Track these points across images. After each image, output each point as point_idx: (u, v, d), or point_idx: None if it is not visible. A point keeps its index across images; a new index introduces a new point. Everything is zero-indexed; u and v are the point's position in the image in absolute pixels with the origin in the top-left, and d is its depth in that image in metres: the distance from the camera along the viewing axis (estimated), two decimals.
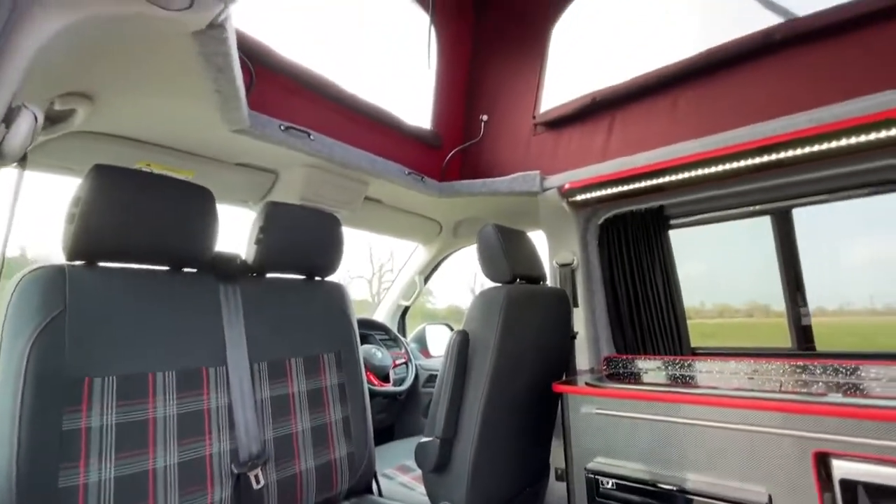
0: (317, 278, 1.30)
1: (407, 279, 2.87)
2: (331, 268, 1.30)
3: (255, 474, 0.96)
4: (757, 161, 1.48)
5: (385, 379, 2.20)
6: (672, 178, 1.65)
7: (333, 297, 1.29)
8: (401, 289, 2.88)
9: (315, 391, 1.16)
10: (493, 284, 1.44)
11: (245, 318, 1.04)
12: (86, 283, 0.83)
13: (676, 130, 1.60)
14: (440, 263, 2.91)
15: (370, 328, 2.48)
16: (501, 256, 1.43)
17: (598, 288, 1.99)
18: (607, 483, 1.38)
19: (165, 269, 0.97)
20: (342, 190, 1.77)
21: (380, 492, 1.38)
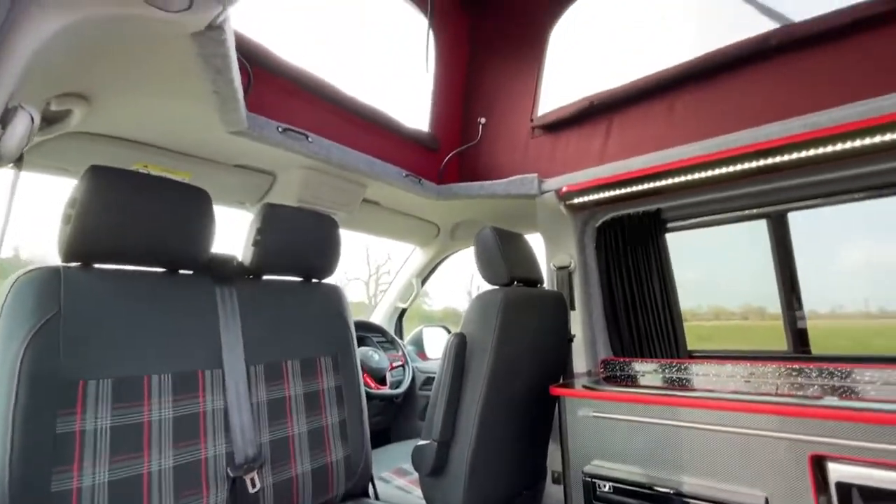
0: (314, 280, 1.29)
1: (404, 281, 2.86)
2: (328, 270, 1.30)
3: (251, 478, 0.96)
4: (753, 165, 1.49)
5: (382, 381, 2.20)
6: (669, 182, 1.66)
7: (330, 300, 1.29)
8: (398, 291, 2.88)
9: (312, 394, 1.15)
10: (491, 287, 1.44)
11: (241, 321, 1.04)
12: (81, 285, 0.83)
13: (673, 134, 1.61)
14: (437, 266, 2.91)
15: (367, 330, 2.48)
16: (499, 259, 1.43)
17: (596, 291, 2.00)
18: (604, 486, 1.38)
19: (162, 271, 0.97)
20: (340, 192, 1.77)
21: (376, 495, 1.37)
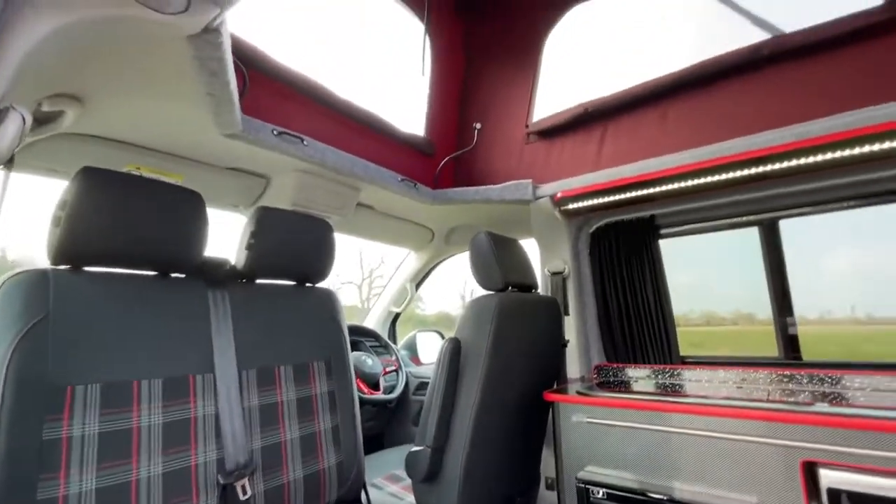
0: (307, 284, 1.28)
1: (398, 286, 2.85)
2: (322, 274, 1.29)
3: (242, 485, 0.94)
4: (745, 173, 1.51)
5: (375, 387, 2.18)
6: (662, 189, 1.68)
7: (324, 304, 1.28)
8: (391, 295, 2.87)
9: (304, 399, 1.14)
10: (486, 292, 1.44)
11: (234, 325, 1.03)
12: (70, 288, 0.81)
13: (666, 142, 1.63)
14: (432, 270, 2.91)
15: (361, 335, 2.46)
16: (494, 264, 1.43)
17: (589, 296, 2.00)
18: (598, 493, 1.38)
19: (153, 274, 0.95)
20: (334, 196, 1.76)
21: (369, 502, 1.36)
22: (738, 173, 1.52)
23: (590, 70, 2.01)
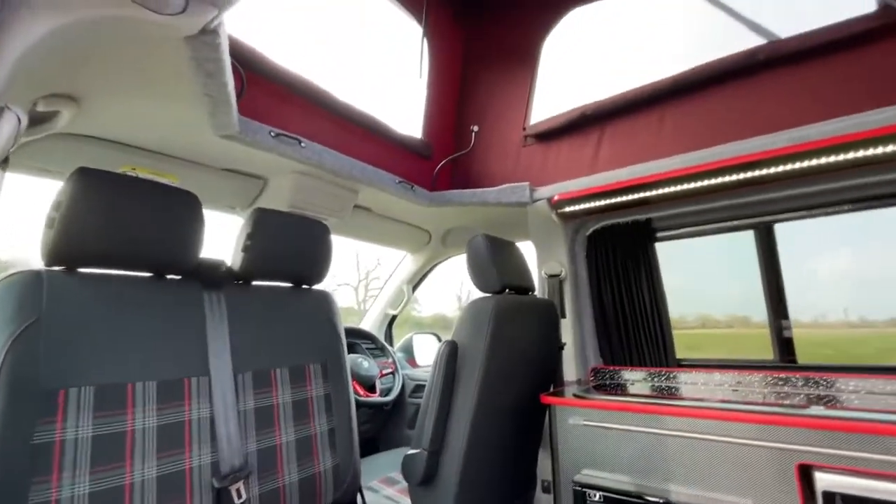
0: (304, 286, 1.28)
1: (394, 288, 2.85)
2: (319, 276, 1.28)
3: (237, 488, 0.93)
4: (740, 177, 1.52)
5: (371, 389, 2.18)
6: (659, 192, 1.68)
7: (321, 306, 1.28)
8: (388, 297, 2.86)
9: (300, 402, 1.14)
10: (482, 294, 1.44)
11: (229, 327, 1.02)
12: (64, 290, 0.80)
13: (663, 145, 1.63)
14: (429, 272, 2.91)
15: (357, 337, 2.45)
16: (491, 267, 1.43)
17: (586, 299, 2.01)
18: (595, 496, 1.38)
19: (148, 276, 0.95)
20: (332, 197, 1.76)
21: None
22: (734, 177, 1.53)
23: (587, 73, 2.02)
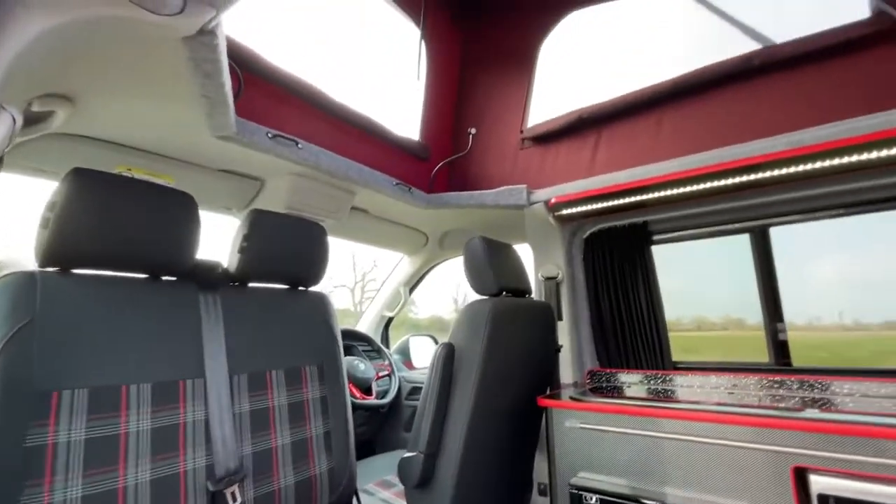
0: (300, 288, 1.27)
1: (391, 290, 2.85)
2: (315, 278, 1.28)
3: (232, 491, 0.93)
4: (736, 181, 1.53)
5: (367, 391, 2.17)
6: (655, 195, 1.69)
7: (317, 308, 1.27)
8: (385, 299, 2.86)
9: (296, 404, 1.13)
10: (479, 297, 1.43)
11: (225, 329, 1.01)
12: (58, 291, 0.80)
13: (660, 149, 1.64)
14: (425, 275, 2.90)
15: (353, 339, 2.45)
16: (488, 269, 1.43)
17: (583, 301, 2.01)
18: (591, 499, 1.38)
19: (143, 277, 0.94)
20: (329, 199, 1.75)
21: None
22: (730, 181, 1.53)
23: (585, 76, 2.03)
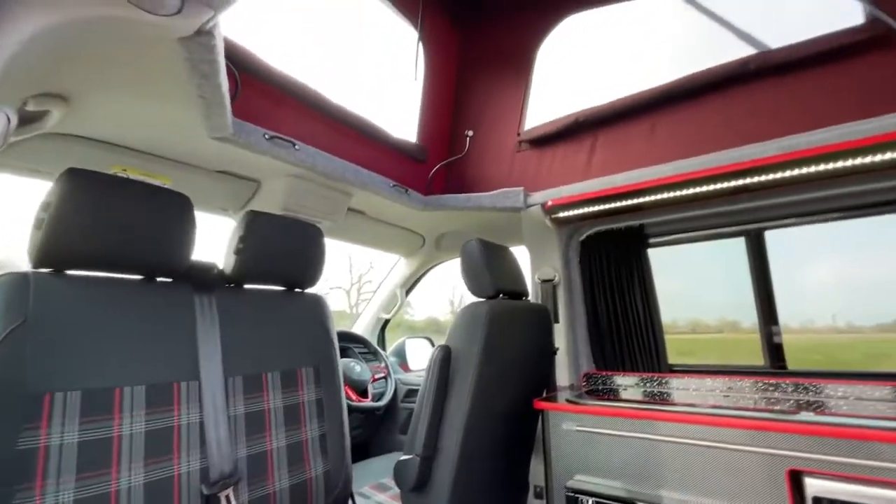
0: (296, 290, 1.27)
1: (387, 292, 2.84)
2: (311, 279, 1.27)
3: (227, 495, 0.92)
4: (732, 184, 1.54)
5: (363, 394, 2.16)
6: (651, 199, 1.70)
7: (313, 310, 1.26)
8: (381, 301, 2.85)
9: (292, 407, 1.12)
10: (476, 299, 1.43)
11: (221, 331, 1.01)
12: (52, 292, 0.79)
13: (656, 152, 1.65)
14: (422, 276, 2.90)
15: (349, 341, 2.44)
16: (485, 271, 1.43)
17: (579, 304, 2.01)
18: (587, 501, 1.37)
19: (138, 278, 0.93)
20: (325, 201, 1.75)
21: None
22: (725, 184, 1.54)
23: (581, 80, 2.04)
